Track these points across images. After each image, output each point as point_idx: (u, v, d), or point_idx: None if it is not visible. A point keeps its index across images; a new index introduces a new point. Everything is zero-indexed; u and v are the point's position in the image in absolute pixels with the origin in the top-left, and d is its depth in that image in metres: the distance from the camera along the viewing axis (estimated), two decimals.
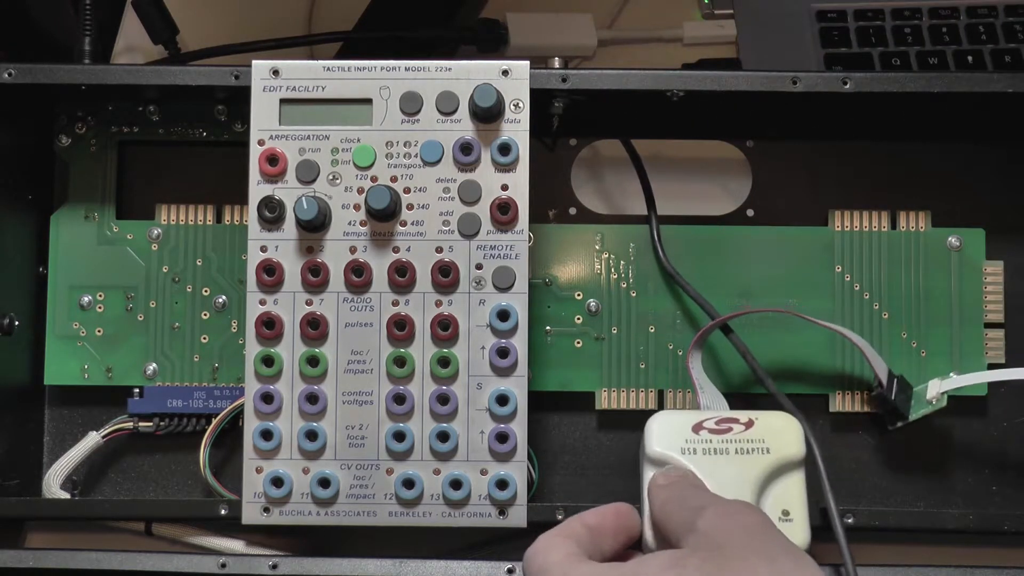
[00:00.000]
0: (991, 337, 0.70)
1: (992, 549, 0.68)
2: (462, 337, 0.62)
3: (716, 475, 0.59)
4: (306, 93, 0.63)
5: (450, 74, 0.62)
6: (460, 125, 0.62)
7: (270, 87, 0.63)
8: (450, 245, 0.62)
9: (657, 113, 0.69)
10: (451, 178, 0.62)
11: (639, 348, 0.70)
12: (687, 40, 0.87)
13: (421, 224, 0.62)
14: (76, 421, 0.71)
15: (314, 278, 0.62)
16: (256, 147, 0.62)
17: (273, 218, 0.62)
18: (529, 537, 0.54)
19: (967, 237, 0.71)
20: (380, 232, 0.62)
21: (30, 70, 0.65)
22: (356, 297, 0.62)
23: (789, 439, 0.60)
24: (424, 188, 0.62)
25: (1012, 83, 0.64)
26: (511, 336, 0.62)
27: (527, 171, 0.62)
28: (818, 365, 0.70)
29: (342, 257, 0.62)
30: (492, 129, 0.62)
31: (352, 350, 0.62)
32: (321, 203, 0.61)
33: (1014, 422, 0.71)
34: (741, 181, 0.73)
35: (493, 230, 0.62)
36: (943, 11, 0.86)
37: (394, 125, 0.62)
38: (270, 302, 0.62)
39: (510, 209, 0.62)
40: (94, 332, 0.70)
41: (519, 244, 0.62)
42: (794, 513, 0.59)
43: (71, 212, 0.71)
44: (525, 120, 0.62)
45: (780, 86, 0.65)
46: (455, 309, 0.62)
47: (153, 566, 0.64)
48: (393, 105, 0.62)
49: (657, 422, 0.60)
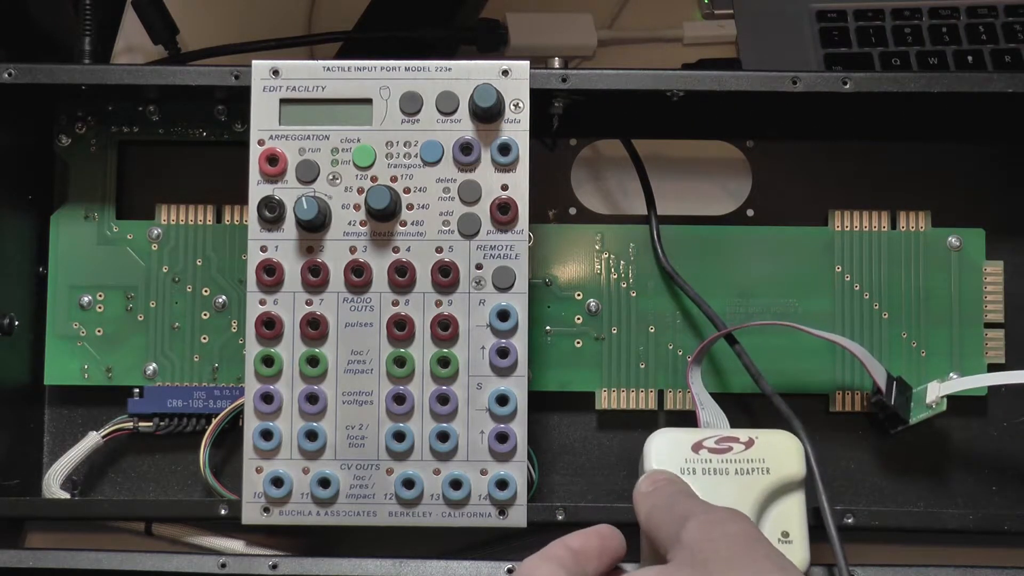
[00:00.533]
0: (991, 337, 0.70)
1: (992, 549, 0.68)
2: (462, 337, 0.62)
3: (716, 496, 0.57)
4: (306, 93, 0.62)
5: (450, 74, 0.62)
6: (460, 125, 0.62)
7: (270, 87, 0.63)
8: (450, 245, 0.62)
9: (657, 113, 0.69)
10: (451, 178, 0.62)
11: (639, 348, 0.70)
12: (687, 40, 0.86)
13: (421, 224, 0.62)
14: (76, 421, 0.71)
15: (314, 278, 0.62)
16: (256, 147, 0.62)
17: (273, 218, 0.62)
18: (529, 538, 0.54)
19: (967, 237, 0.71)
20: (380, 232, 0.62)
21: (30, 70, 0.65)
22: (356, 297, 0.62)
23: (789, 459, 0.60)
24: (424, 188, 0.62)
25: (1012, 83, 0.64)
26: (511, 336, 0.62)
27: (527, 171, 0.62)
28: (818, 366, 0.70)
29: (342, 257, 0.62)
30: (492, 129, 0.62)
31: (352, 350, 0.62)
32: (321, 203, 0.61)
33: (1014, 422, 0.71)
34: (741, 181, 0.73)
35: (493, 230, 0.62)
36: (943, 11, 0.86)
37: (394, 125, 0.62)
38: (270, 302, 0.62)
39: (510, 209, 0.62)
40: (94, 332, 0.70)
41: (519, 244, 0.62)
42: (794, 535, 0.60)
43: (71, 212, 0.71)
44: (525, 120, 0.62)
45: (780, 86, 0.65)
46: (455, 309, 0.62)
47: (153, 566, 0.64)
48: (393, 105, 0.62)
49: (656, 441, 0.61)
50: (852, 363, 0.70)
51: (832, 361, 0.70)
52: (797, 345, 0.70)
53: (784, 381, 0.69)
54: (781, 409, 0.63)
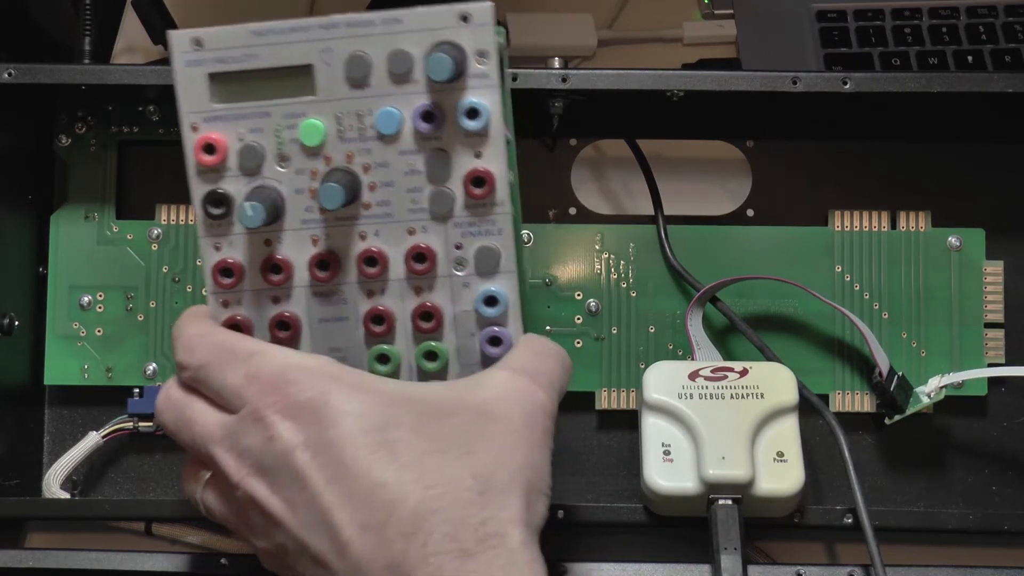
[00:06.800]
0: (991, 337, 0.70)
1: (992, 549, 0.68)
2: (447, 327, 0.55)
3: (712, 418, 0.62)
4: (236, 64, 0.53)
5: (400, 27, 0.52)
6: (417, 87, 0.52)
7: (194, 61, 0.53)
8: (423, 226, 0.54)
9: (657, 113, 0.69)
10: (414, 150, 0.53)
11: (639, 348, 0.70)
12: (687, 40, 0.87)
13: (387, 204, 0.54)
14: (76, 421, 0.71)
15: (276, 276, 0.55)
16: (189, 134, 0.54)
17: (222, 214, 0.54)
18: None
19: (967, 237, 0.71)
20: (343, 217, 0.54)
21: (30, 70, 0.65)
22: (326, 291, 0.55)
23: (783, 386, 0.63)
24: (385, 164, 0.53)
25: (1012, 83, 0.64)
26: (503, 322, 0.55)
27: (502, 135, 0.53)
28: (818, 365, 0.70)
29: (304, 250, 0.54)
30: (456, 89, 0.52)
31: (330, 347, 0.55)
32: (269, 198, 0.53)
33: (1014, 422, 0.71)
34: (741, 181, 0.73)
35: (470, 206, 0.54)
36: (943, 11, 0.86)
37: (342, 94, 0.53)
38: (233, 304, 0.55)
39: (486, 182, 0.53)
40: (94, 332, 0.70)
41: (501, 219, 0.54)
42: (788, 454, 0.62)
43: (71, 212, 0.71)
44: (494, 74, 0.52)
45: (780, 86, 0.65)
46: (437, 297, 0.55)
47: (153, 566, 0.64)
48: (338, 71, 0.53)
49: (654, 371, 0.64)
50: (852, 363, 0.70)
51: (832, 361, 0.70)
52: (797, 345, 0.70)
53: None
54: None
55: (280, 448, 0.48)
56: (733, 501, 0.61)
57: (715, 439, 0.61)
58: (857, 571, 0.63)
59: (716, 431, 0.61)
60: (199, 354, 0.52)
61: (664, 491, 0.61)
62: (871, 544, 0.59)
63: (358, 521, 0.47)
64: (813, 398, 0.65)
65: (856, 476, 0.61)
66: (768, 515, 0.63)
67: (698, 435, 0.62)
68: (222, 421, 0.51)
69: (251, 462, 0.49)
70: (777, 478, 0.61)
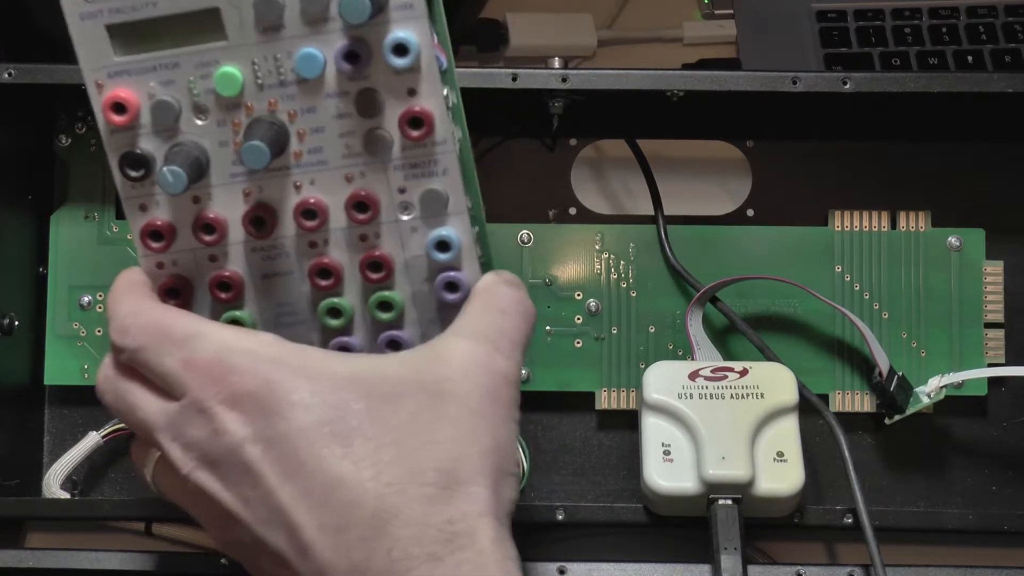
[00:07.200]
0: (991, 337, 0.70)
1: (992, 549, 0.68)
2: (400, 275, 0.51)
3: (712, 418, 0.62)
4: (134, 14, 0.48)
5: None
6: (336, 26, 0.48)
7: (88, 13, 0.48)
8: (360, 172, 0.50)
9: (657, 113, 0.69)
10: (343, 91, 0.49)
11: (639, 348, 0.70)
12: (687, 40, 0.86)
13: (320, 152, 0.50)
14: (76, 421, 0.71)
15: (209, 236, 0.51)
16: (95, 93, 0.49)
17: (141, 175, 0.49)
18: (528, 538, 0.54)
19: (967, 237, 0.71)
20: (274, 168, 0.50)
21: (30, 70, 0.65)
22: (265, 246, 0.51)
23: (783, 386, 0.63)
24: (312, 109, 0.49)
25: (1012, 83, 0.64)
26: (457, 265, 0.51)
27: (435, 68, 0.48)
28: (818, 366, 0.70)
29: (236, 205, 0.50)
30: (380, 23, 0.48)
31: (278, 304, 0.52)
32: (190, 156, 0.49)
33: (1014, 422, 0.71)
34: (741, 181, 0.73)
35: (408, 147, 0.49)
36: (943, 11, 0.86)
37: (255, 38, 0.48)
38: (169, 265, 0.51)
39: (423, 122, 0.49)
40: (94, 332, 0.70)
41: (444, 158, 0.49)
42: (788, 454, 0.62)
43: (71, 212, 0.71)
44: (420, 4, 0.47)
45: (780, 86, 0.65)
46: (385, 245, 0.51)
47: (153, 566, 0.64)
48: (247, 12, 0.48)
49: (654, 371, 0.64)
50: (852, 363, 0.70)
51: (832, 361, 0.70)
52: (797, 345, 0.70)
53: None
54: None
55: (228, 442, 0.46)
56: (733, 501, 0.61)
57: (715, 439, 0.61)
58: (857, 571, 0.63)
59: (716, 431, 0.62)
60: (132, 337, 0.48)
61: (664, 491, 0.61)
62: (871, 544, 0.59)
63: (316, 521, 0.45)
64: (813, 398, 0.65)
65: (856, 476, 0.61)
66: (768, 515, 0.64)
67: (698, 435, 0.62)
68: (164, 408, 0.48)
69: (198, 455, 0.47)
70: (777, 478, 0.61)
